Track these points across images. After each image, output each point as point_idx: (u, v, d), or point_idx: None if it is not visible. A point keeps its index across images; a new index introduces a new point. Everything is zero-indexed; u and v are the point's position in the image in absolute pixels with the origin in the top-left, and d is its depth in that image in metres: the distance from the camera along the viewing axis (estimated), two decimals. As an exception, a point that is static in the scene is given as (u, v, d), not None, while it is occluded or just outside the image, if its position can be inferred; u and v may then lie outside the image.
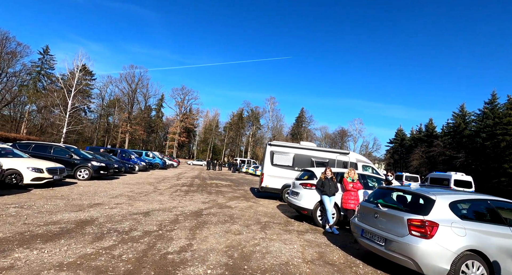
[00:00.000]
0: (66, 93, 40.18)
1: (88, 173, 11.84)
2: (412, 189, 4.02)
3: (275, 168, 10.74)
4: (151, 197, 8.72)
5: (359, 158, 10.91)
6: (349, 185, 6.30)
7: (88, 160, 12.21)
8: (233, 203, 9.15)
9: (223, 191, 12.72)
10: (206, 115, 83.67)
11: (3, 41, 44.51)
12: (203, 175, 24.42)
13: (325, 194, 6.27)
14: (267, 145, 10.97)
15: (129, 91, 62.86)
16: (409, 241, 3.25)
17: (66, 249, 3.59)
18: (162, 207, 7.20)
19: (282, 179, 10.65)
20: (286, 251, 4.45)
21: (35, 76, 51.68)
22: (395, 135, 49.09)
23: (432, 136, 37.57)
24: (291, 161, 10.77)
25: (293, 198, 7.25)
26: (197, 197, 9.91)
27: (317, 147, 11.20)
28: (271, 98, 74.65)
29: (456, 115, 34.11)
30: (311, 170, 7.26)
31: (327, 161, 10.71)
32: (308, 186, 6.79)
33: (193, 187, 13.31)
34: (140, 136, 64.08)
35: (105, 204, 6.94)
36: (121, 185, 11.22)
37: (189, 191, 11.51)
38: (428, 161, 33.76)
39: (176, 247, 4.14)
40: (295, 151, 10.85)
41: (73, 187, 9.46)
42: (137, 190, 10.09)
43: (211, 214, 6.86)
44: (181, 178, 18.62)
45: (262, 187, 10.69)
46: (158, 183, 13.72)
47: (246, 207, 8.68)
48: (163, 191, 10.53)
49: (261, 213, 7.73)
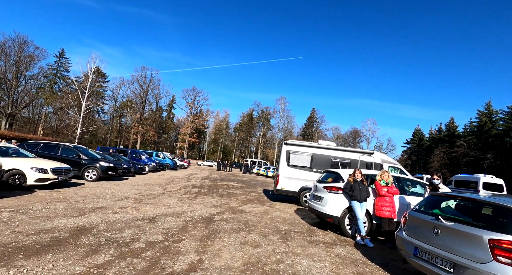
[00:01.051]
0: (80, 94, 40.92)
1: (96, 174, 11.43)
2: (486, 198, 3.12)
3: (291, 169, 9.92)
4: (159, 200, 8.11)
5: (385, 159, 9.91)
6: (383, 190, 5.41)
7: (96, 160, 11.81)
8: (247, 207, 8.41)
9: (235, 193, 12.01)
10: (216, 116, 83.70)
11: (22, 45, 45.84)
12: (213, 176, 23.87)
13: (355, 200, 5.41)
14: (283, 145, 10.17)
15: (141, 92, 63.61)
16: (495, 270, 2.39)
17: (51, 268, 2.94)
18: (170, 212, 6.54)
19: (299, 181, 9.82)
20: (317, 272, 3.64)
21: (51, 79, 53.08)
22: (413, 135, 46.93)
23: (454, 136, 35.43)
24: (309, 162, 9.92)
25: (315, 203, 6.42)
26: (208, 200, 9.23)
27: (338, 147, 10.29)
28: (281, 98, 73.64)
29: (482, 114, 31.88)
30: (336, 172, 6.40)
31: (349, 161, 9.78)
32: (334, 190, 5.94)
33: (203, 188, 12.69)
34: (152, 137, 64.67)
35: (108, 208, 6.36)
36: (129, 187, 10.72)
37: (200, 193, 10.87)
38: (450, 162, 31.73)
39: (183, 264, 3.43)
40: (313, 150, 9.99)
41: (79, 188, 9.01)
42: (145, 192, 9.53)
43: (224, 221, 6.14)
44: (192, 179, 18.09)
45: (277, 190, 9.89)
46: (168, 184, 13.19)
47: (262, 212, 7.91)
48: (172, 193, 9.93)
49: (279, 219, 6.94)
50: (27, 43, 46.76)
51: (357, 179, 5.60)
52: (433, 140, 40.08)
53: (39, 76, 53.14)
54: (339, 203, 5.72)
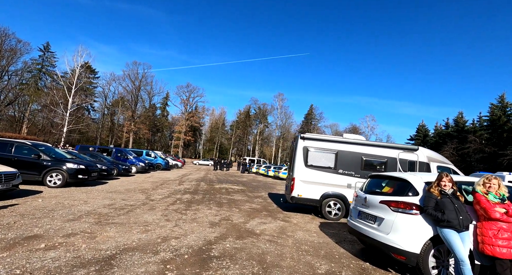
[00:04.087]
0: (66, 90, 38.16)
1: (62, 178, 9.08)
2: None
3: (310, 170, 7.71)
4: (134, 216, 5.82)
5: (433, 156, 7.76)
6: (496, 211, 3.22)
7: (63, 161, 9.44)
8: (256, 224, 6.18)
9: (237, 200, 9.77)
10: (212, 113, 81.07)
11: (3, 38, 42.81)
12: (210, 176, 21.58)
13: (449, 227, 3.22)
14: (299, 139, 7.94)
15: (133, 88, 60.70)
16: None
17: None
18: (144, 241, 4.28)
19: (321, 186, 7.63)
20: None
21: (36, 74, 49.90)
22: (417, 131, 45.15)
23: (464, 131, 33.64)
24: (333, 161, 7.72)
25: (364, 225, 4.22)
26: (203, 212, 6.98)
27: (369, 141, 8.07)
28: (279, 95, 71.41)
29: (495, 107, 30.07)
30: (400, 177, 4.17)
31: (385, 160, 7.60)
32: (402, 207, 3.73)
33: (198, 194, 10.41)
34: (145, 135, 61.90)
35: (45, 236, 4.07)
36: (102, 195, 8.39)
37: (193, 201, 8.60)
38: (462, 159, 29.89)
39: None
40: (338, 146, 7.78)
41: (27, 199, 6.67)
42: (119, 203, 7.22)
43: (227, 257, 3.90)
44: (185, 181, 15.77)
45: (292, 198, 7.68)
46: (154, 189, 10.87)
47: (278, 232, 5.69)
48: (156, 203, 7.64)
49: (308, 248, 4.73)
50: (8, 36, 43.65)
51: (447, 190, 3.40)
52: (440, 136, 38.34)
53: (23, 71, 50.07)
54: (416, 231, 3.51)
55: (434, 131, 42.46)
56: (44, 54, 50.28)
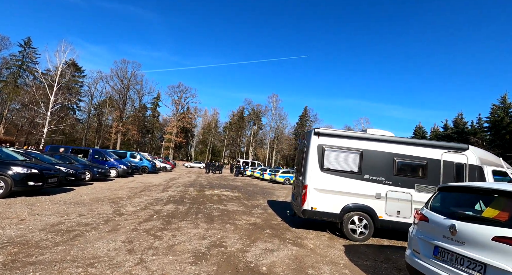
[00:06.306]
0: (48, 89, 35.49)
1: (5, 186, 7.03)
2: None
3: (327, 176, 5.94)
4: (79, 247, 3.89)
5: (486, 158, 6.11)
6: None
7: (9, 164, 7.38)
8: (258, 254, 4.34)
9: (231, 212, 7.90)
10: (204, 114, 78.80)
11: (-23, 31, 39.83)
12: (200, 180, 19.57)
13: None
14: (312, 136, 6.15)
15: (121, 87, 57.94)
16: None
17: None
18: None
19: (342, 196, 5.87)
20: None
21: (15, 71, 46.75)
22: (414, 133, 44.31)
23: (464, 133, 32.77)
24: (357, 164, 5.97)
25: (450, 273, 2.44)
26: (186, 234, 5.09)
27: (403, 138, 6.35)
28: (273, 96, 69.95)
29: (497, 108, 29.30)
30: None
31: (424, 163, 5.90)
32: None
33: (183, 204, 8.47)
34: (134, 136, 59.11)
35: None
36: (54, 208, 6.38)
37: (175, 216, 6.68)
38: (463, 161, 28.86)
39: None
40: (363, 145, 6.04)
41: None
42: (70, 221, 5.25)
43: None
44: (171, 186, 13.76)
45: (304, 211, 5.87)
46: (130, 198, 8.89)
47: (293, 269, 3.86)
48: (123, 220, 5.70)
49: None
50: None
51: None
52: (438, 138, 37.44)
53: (1, 67, 46.84)
54: None
55: (431, 133, 41.62)
56: (24, 50, 47.21)
